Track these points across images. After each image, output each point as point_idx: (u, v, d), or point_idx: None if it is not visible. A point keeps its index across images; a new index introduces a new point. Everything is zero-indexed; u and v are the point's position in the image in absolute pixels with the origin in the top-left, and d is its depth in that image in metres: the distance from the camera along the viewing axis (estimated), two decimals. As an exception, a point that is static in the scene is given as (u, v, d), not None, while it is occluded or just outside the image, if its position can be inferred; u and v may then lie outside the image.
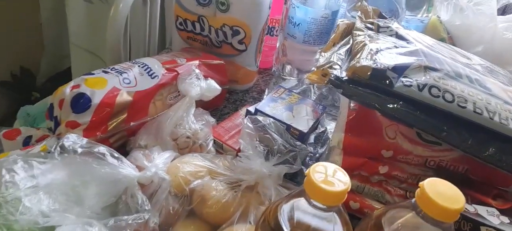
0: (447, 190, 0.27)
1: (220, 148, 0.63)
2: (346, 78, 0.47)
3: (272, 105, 0.60)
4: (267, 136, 0.52)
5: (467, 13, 0.75)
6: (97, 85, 0.56)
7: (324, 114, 0.65)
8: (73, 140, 0.44)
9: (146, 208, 0.44)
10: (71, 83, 0.56)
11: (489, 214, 0.40)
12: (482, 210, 0.40)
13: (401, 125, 0.49)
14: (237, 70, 0.81)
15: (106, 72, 0.60)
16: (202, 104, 0.67)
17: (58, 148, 0.42)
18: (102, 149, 0.45)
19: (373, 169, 0.53)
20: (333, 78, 0.48)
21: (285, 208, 0.29)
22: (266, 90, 0.86)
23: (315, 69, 0.49)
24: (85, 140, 0.45)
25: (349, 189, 0.26)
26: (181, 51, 0.75)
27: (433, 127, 0.45)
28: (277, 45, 0.90)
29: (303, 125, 0.57)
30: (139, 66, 0.62)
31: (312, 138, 0.64)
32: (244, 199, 0.50)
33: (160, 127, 0.57)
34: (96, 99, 0.54)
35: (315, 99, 0.73)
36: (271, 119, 0.53)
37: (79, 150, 0.43)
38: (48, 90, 0.78)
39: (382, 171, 0.53)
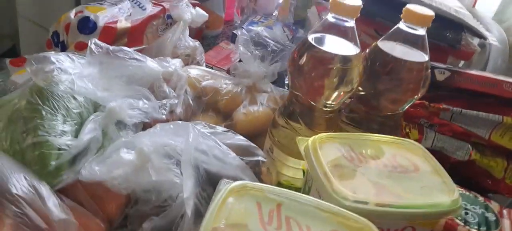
0: (422, 8, 0.41)
1: (210, 71, 0.71)
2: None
3: (254, 26, 0.70)
4: (260, 41, 0.61)
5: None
6: (99, 11, 0.60)
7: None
8: (101, 43, 0.49)
9: (173, 95, 0.51)
10: (73, 10, 0.59)
11: (438, 64, 0.54)
12: (433, 62, 0.55)
13: (363, 22, 0.62)
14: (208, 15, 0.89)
15: (101, 3, 0.64)
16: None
17: (94, 45, 0.47)
18: (128, 49, 0.51)
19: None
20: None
21: (311, 36, 0.39)
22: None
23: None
24: (109, 45, 0.51)
25: (361, 7, 0.38)
26: (158, -5, 0.81)
27: (390, 15, 0.59)
28: (237, -2, 0.99)
29: (284, 39, 0.68)
30: (129, 0, 0.68)
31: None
32: (248, 94, 0.59)
33: (161, 48, 0.63)
34: (101, 23, 0.59)
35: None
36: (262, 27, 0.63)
37: (111, 48, 0.48)
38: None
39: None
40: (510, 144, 0.49)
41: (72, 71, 0.43)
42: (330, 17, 0.39)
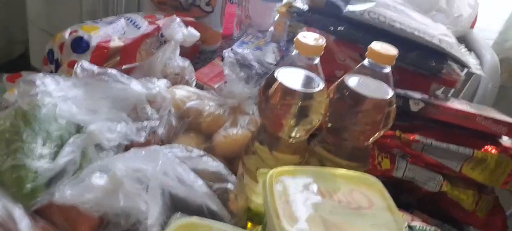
0: (387, 47, 0.42)
1: (200, 89, 0.73)
2: (307, 9, 0.60)
3: (244, 46, 0.72)
4: (246, 63, 0.63)
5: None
6: (92, 30, 0.63)
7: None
8: (87, 65, 0.52)
9: (155, 117, 0.54)
10: (68, 30, 0.63)
11: (414, 94, 0.55)
12: (409, 92, 0.55)
13: (347, 46, 0.63)
14: (205, 31, 0.91)
15: (96, 22, 0.67)
16: (179, 56, 0.76)
17: (79, 68, 0.50)
18: (113, 71, 0.53)
19: (328, 87, 0.66)
20: (296, 10, 0.61)
21: (279, 69, 0.41)
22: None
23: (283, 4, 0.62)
24: (96, 66, 0.53)
25: (324, 45, 0.39)
26: (156, 11, 0.84)
27: (371, 41, 0.60)
28: (237, 12, 1.01)
29: (271, 59, 0.70)
30: (124, 18, 0.71)
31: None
32: (231, 115, 0.61)
33: (152, 66, 0.66)
34: (94, 42, 0.62)
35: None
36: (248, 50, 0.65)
37: (96, 70, 0.51)
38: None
39: (336, 89, 0.66)
40: (481, 177, 0.49)
41: (56, 94, 0.46)
42: (295, 55, 0.40)
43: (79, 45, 0.60)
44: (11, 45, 1.43)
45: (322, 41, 0.39)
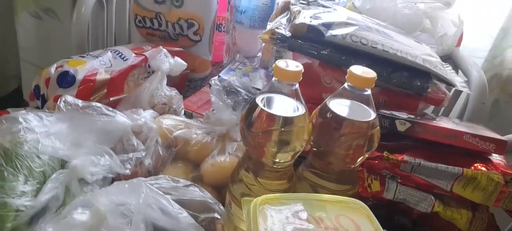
0: (366, 71, 0.42)
1: (190, 117, 0.73)
2: (289, 35, 0.61)
3: (231, 74, 0.72)
4: (233, 90, 0.63)
5: (373, -2, 0.94)
6: (78, 65, 0.64)
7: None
8: (71, 99, 0.52)
9: (142, 148, 0.53)
10: (54, 65, 0.63)
11: (400, 114, 0.55)
12: (395, 113, 0.55)
13: (333, 70, 0.64)
14: (194, 59, 0.92)
15: (83, 57, 0.67)
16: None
17: (63, 103, 0.49)
18: (98, 104, 0.53)
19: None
20: (279, 37, 0.61)
21: (260, 96, 0.41)
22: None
23: (266, 31, 0.63)
24: (80, 100, 0.53)
25: (302, 71, 0.39)
26: (144, 43, 0.85)
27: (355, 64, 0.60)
28: (226, 40, 1.03)
29: (260, 85, 0.70)
30: (111, 51, 0.71)
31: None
32: (220, 142, 0.60)
33: (138, 97, 0.66)
34: (79, 76, 0.62)
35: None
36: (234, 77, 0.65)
37: (80, 104, 0.51)
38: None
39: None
40: (473, 196, 0.49)
41: (39, 130, 0.46)
42: (275, 81, 0.40)
43: (65, 80, 0.61)
44: (6, 80, 1.43)
45: (300, 67, 0.40)
